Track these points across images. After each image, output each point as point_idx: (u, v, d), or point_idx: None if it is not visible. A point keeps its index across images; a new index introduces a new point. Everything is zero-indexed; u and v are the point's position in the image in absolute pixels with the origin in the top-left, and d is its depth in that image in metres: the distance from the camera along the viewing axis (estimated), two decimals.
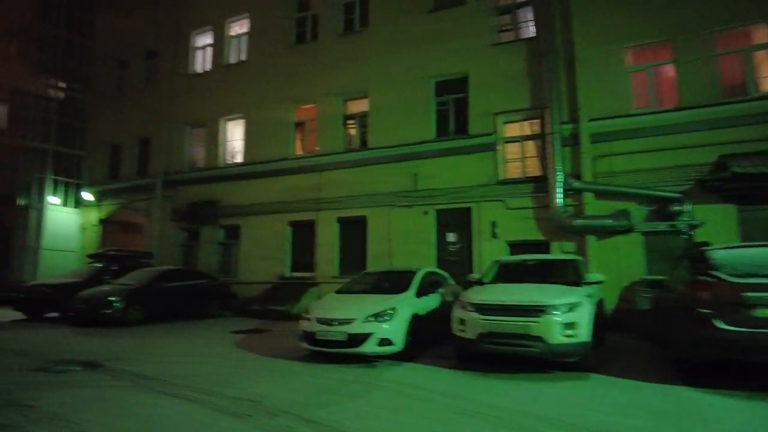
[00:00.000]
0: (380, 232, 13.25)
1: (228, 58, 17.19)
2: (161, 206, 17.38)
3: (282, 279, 14.61)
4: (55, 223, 19.45)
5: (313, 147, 15.04)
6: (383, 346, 6.64)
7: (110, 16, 20.91)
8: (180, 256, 16.94)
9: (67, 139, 20.05)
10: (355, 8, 14.90)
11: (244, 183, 15.73)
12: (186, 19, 18.33)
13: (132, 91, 19.57)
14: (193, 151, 17.62)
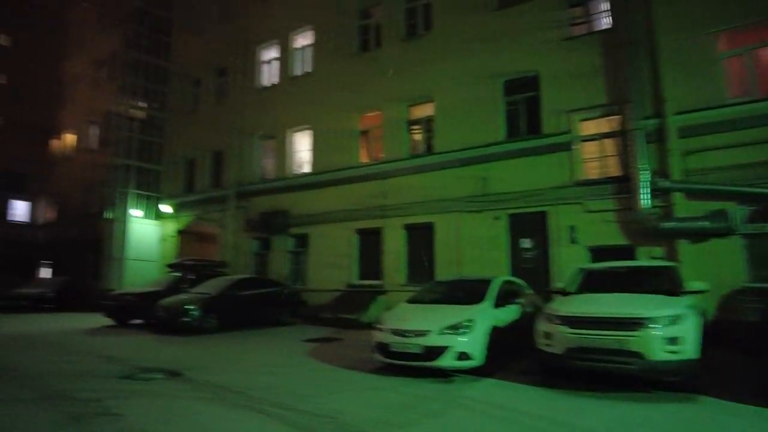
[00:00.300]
0: (448, 238, 12.88)
1: (293, 71, 17.55)
2: (234, 217, 17.98)
3: (350, 287, 14.59)
4: (138, 235, 20.66)
5: (378, 154, 14.96)
6: (461, 361, 6.29)
7: (185, 37, 22.07)
8: (253, 264, 17.41)
9: (148, 155, 21.28)
10: (418, 12, 14.72)
11: (312, 192, 15.92)
12: (253, 34, 18.95)
13: (205, 107, 20.49)
14: (264, 162, 18.11)
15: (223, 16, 20.70)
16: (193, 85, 21.32)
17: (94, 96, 27.77)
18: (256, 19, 18.93)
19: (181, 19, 22.48)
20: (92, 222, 25.38)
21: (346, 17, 16.12)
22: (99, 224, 24.76)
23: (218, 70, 20.33)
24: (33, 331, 11.53)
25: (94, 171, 26.16)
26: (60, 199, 29.25)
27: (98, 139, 26.78)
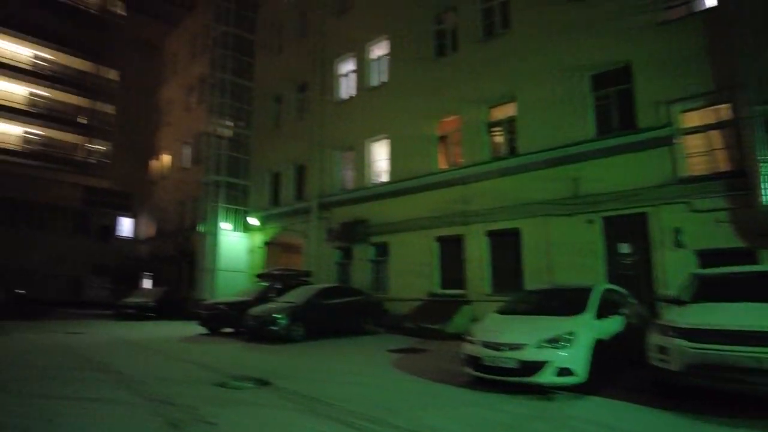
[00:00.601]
0: (536, 244, 12.20)
1: (370, 81, 17.69)
2: (317, 227, 18.36)
3: (432, 296, 14.28)
4: (228, 246, 21.75)
5: (458, 159, 14.60)
6: (562, 377, 5.78)
7: (267, 57, 23.11)
8: (335, 273, 17.64)
9: (236, 171, 22.40)
10: (495, 11, 14.26)
11: (391, 201, 15.85)
12: (330, 49, 19.39)
13: (287, 122, 21.24)
14: (344, 173, 18.37)
15: (302, 34, 21.40)
16: (276, 102, 22.21)
17: (186, 118, 29.88)
18: (333, 34, 19.37)
19: (262, 40, 23.54)
20: (187, 235, 27.17)
21: (420, 24, 16.00)
22: (193, 237, 26.44)
23: (298, 86, 21.01)
24: (137, 338, 12.35)
25: (187, 188, 28.05)
26: (159, 215, 31.66)
27: (191, 158, 28.73)
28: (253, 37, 23.82)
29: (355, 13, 18.74)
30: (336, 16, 19.52)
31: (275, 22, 22.95)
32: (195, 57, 29.99)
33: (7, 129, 35.07)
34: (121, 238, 33.85)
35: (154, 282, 30.08)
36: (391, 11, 17.06)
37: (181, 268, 27.81)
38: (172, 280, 28.18)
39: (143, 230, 33.69)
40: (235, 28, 23.16)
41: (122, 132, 34.38)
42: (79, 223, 32.26)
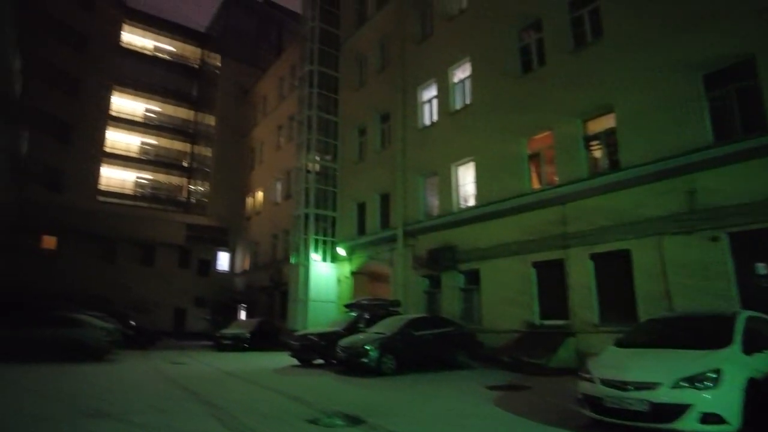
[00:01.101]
0: (650, 267, 10.86)
1: (453, 105, 17.34)
2: (403, 255, 18.01)
3: (531, 327, 13.21)
4: (317, 277, 22.02)
5: (553, 177, 13.64)
6: (709, 424, 4.77)
7: (350, 91, 23.69)
8: (423, 303, 17.08)
9: (324, 203, 22.86)
10: (585, 20, 13.39)
11: (480, 225, 15.13)
12: (411, 77, 19.40)
13: (371, 152, 21.42)
14: (429, 199, 17.99)
15: (383, 66, 21.72)
16: (360, 134, 22.56)
17: (277, 156, 31.34)
18: (414, 62, 19.40)
19: (346, 76, 24.22)
20: (279, 267, 28.03)
21: (503, 41, 15.49)
22: (285, 269, 27.20)
23: (381, 117, 21.20)
24: (233, 369, 12.54)
25: (279, 222, 29.13)
26: (253, 248, 33.14)
27: (282, 193, 29.93)
28: (337, 74, 24.57)
29: (435, 39, 18.66)
30: (416, 44, 19.57)
31: (357, 57, 23.55)
32: (283, 98, 31.63)
33: (124, 176, 39.00)
34: (219, 272, 35.80)
35: (249, 313, 31.27)
36: (473, 33, 16.74)
37: (273, 299, 28.68)
38: (266, 311, 29.11)
39: (239, 263, 35.41)
40: (320, 67, 24.04)
41: (220, 172, 36.81)
42: (182, 259, 34.62)
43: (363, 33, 23.34)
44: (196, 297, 34.29)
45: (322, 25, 24.62)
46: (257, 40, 41.67)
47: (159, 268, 33.49)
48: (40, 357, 13.52)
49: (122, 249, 32.53)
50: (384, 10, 21.93)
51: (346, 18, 24.98)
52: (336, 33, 25.04)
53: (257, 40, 41.65)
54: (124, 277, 31.79)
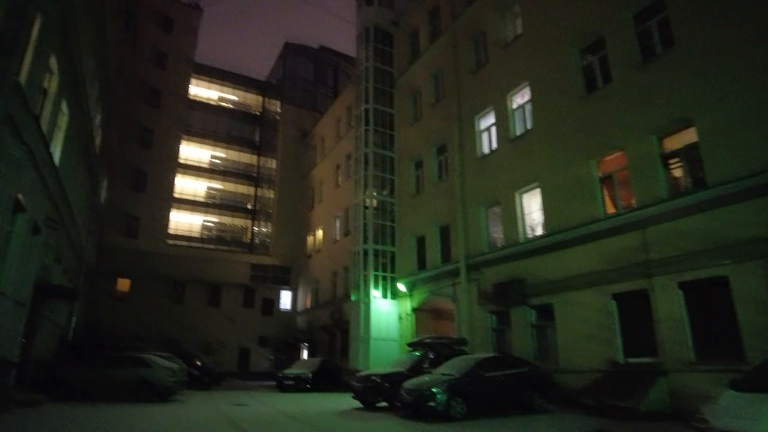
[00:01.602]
0: (754, 295, 9.48)
1: (514, 132, 16.71)
2: (467, 290, 17.17)
3: (615, 366, 11.91)
4: (378, 315, 21.44)
5: (629, 200, 12.57)
6: None
7: (405, 125, 23.66)
8: (491, 341, 16.06)
9: (383, 238, 22.52)
10: (653, 31, 12.55)
11: (551, 256, 14.13)
12: (468, 106, 19.04)
13: (429, 184, 21.02)
14: (492, 230, 17.20)
15: (438, 98, 21.57)
16: (417, 167, 22.29)
17: (335, 194, 31.65)
18: (470, 92, 19.07)
19: (401, 111, 24.27)
20: (339, 305, 27.75)
21: (564, 62, 14.85)
22: (345, 307, 26.88)
23: (438, 148, 20.88)
24: (294, 411, 12.08)
25: (339, 259, 29.06)
26: (314, 286, 33.19)
27: (341, 230, 30.00)
28: (391, 110, 24.69)
29: (491, 66, 18.30)
30: (471, 73, 19.29)
31: (412, 92, 23.59)
32: (340, 138, 32.20)
33: (192, 219, 40.78)
34: (282, 311, 36.05)
35: (311, 352, 31.02)
36: (530, 57, 16.24)
37: (335, 338, 28.30)
38: (327, 350, 28.73)
39: (301, 302, 35.54)
40: (375, 105, 24.25)
41: (282, 212, 37.65)
42: (246, 298, 35.21)
43: (416, 68, 23.42)
44: (260, 336, 34.58)
45: (376, 65, 24.99)
46: (314, 84, 43.18)
47: (224, 308, 34.19)
48: (111, 396, 13.83)
49: (190, 290, 33.58)
50: (437, 44, 21.96)
51: (399, 55, 25.26)
52: (389, 71, 25.32)
53: (314, 85, 43.15)
54: (192, 317, 32.66)
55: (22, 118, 9.41)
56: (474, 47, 19.64)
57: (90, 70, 16.38)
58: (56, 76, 11.99)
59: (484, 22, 18.98)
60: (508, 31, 17.94)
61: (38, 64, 10.12)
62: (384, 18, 25.96)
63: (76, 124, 15.16)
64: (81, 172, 17.94)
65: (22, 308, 12.00)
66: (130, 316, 30.61)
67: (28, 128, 9.75)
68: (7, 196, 9.44)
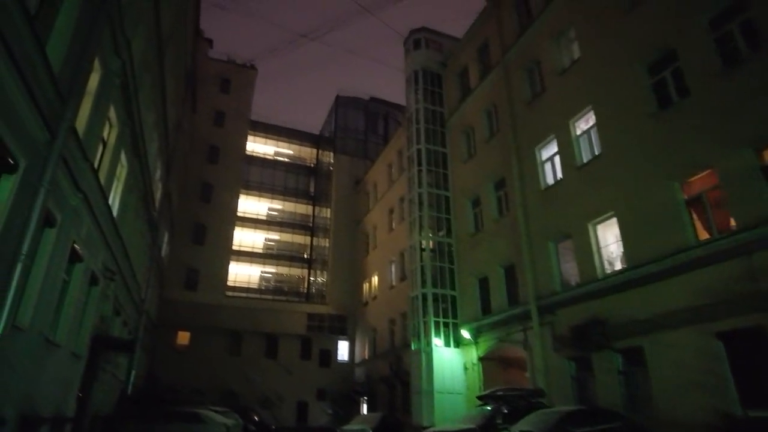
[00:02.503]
0: None
1: (580, 159, 15.54)
2: (540, 335, 15.61)
3: (731, 419, 9.99)
4: (441, 365, 19.95)
5: (726, 223, 10.99)
6: None
7: (459, 163, 22.96)
8: (572, 391, 14.28)
9: (442, 282, 21.35)
10: (734, 34, 11.33)
11: (635, 292, 12.53)
12: (525, 137, 18.13)
13: (488, 222, 19.92)
14: (564, 267, 15.74)
15: (493, 133, 20.83)
16: (474, 205, 21.32)
17: (390, 239, 30.98)
18: (527, 123, 18.21)
19: (454, 149, 23.66)
20: (399, 355, 26.39)
21: (630, 81, 13.76)
22: (405, 357, 25.49)
23: (496, 184, 19.90)
24: None
25: (396, 305, 27.96)
26: (371, 335, 32.04)
27: (397, 275, 29.05)
28: (444, 149, 24.12)
29: (548, 95, 17.43)
30: (527, 104, 18.49)
31: (464, 129, 23.01)
32: (392, 182, 31.87)
33: (249, 271, 41.20)
34: (339, 362, 34.92)
35: (370, 406, 29.49)
36: (591, 80, 15.27)
37: (394, 391, 26.77)
38: (387, 403, 27.16)
39: (359, 352, 34.34)
40: (427, 145, 23.79)
41: (337, 261, 37.30)
42: (303, 349, 34.44)
43: (468, 105, 22.91)
44: (317, 389, 33.46)
45: (426, 106, 24.73)
46: (365, 133, 43.73)
47: (282, 360, 33.52)
48: None
49: (247, 341, 33.28)
50: (488, 79, 21.44)
51: (449, 95, 24.93)
52: (440, 111, 24.97)
53: (366, 134, 43.69)
54: (249, 370, 32.16)
55: (79, 166, 9.42)
56: (528, 77, 18.92)
57: (149, 124, 16.93)
58: (115, 127, 12.25)
59: (538, 51, 18.30)
60: (564, 57, 17.14)
61: (97, 114, 10.27)
62: (432, 60, 25.93)
63: (135, 176, 15.48)
64: (140, 224, 18.27)
65: (79, 361, 11.79)
66: (190, 369, 30.52)
67: (85, 176, 9.76)
68: (64, 246, 9.34)
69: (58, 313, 10.05)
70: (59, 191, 8.63)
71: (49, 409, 9.83)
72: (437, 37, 27.06)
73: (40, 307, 8.60)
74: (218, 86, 39.62)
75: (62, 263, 9.37)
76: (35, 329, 8.54)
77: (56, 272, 9.15)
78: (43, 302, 8.71)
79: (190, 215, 34.97)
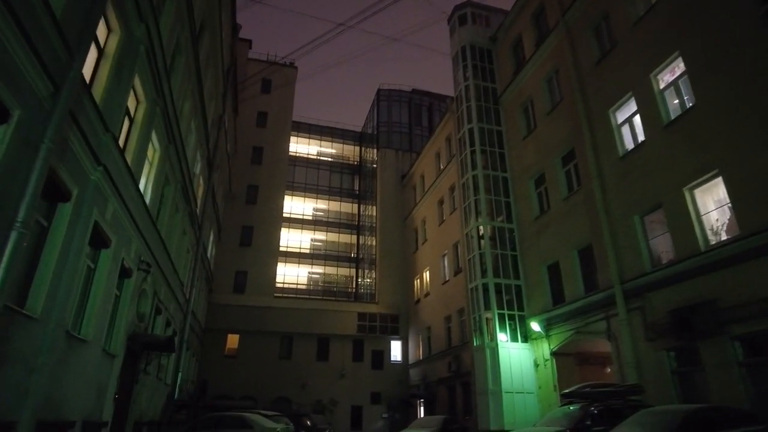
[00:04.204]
0: None
1: (667, 116, 13.28)
2: (628, 323, 13.42)
3: None
4: (508, 362, 17.95)
5: None
6: None
7: (518, 140, 20.94)
8: (673, 388, 12.02)
9: (504, 271, 19.36)
10: None
11: (754, 264, 10.24)
12: (596, 102, 15.98)
13: (556, 201, 17.80)
14: (654, 242, 13.48)
15: (555, 102, 18.75)
16: (537, 183, 19.25)
17: (441, 232, 29.14)
18: (597, 85, 16.07)
19: (510, 125, 21.69)
20: (457, 354, 24.49)
21: (731, 16, 11.48)
22: (464, 355, 23.58)
23: (563, 157, 17.79)
24: None
25: (451, 301, 26.08)
26: (425, 334, 30.22)
27: (451, 269, 27.16)
28: (499, 128, 22.16)
29: (621, 50, 15.21)
30: (595, 65, 16.33)
31: (521, 103, 20.99)
32: (441, 171, 30.06)
33: (297, 272, 40.38)
34: (393, 363, 33.31)
35: (428, 409, 27.66)
36: (677, 24, 13.01)
37: (454, 392, 24.87)
38: (447, 406, 25.28)
39: (412, 353, 32.61)
40: (479, 124, 21.90)
41: (385, 259, 35.81)
42: (355, 351, 33.05)
43: (524, 77, 20.87)
44: (371, 392, 31.95)
45: (477, 82, 22.87)
46: (409, 126, 42.15)
47: (333, 363, 32.25)
48: None
49: (298, 344, 32.21)
50: (545, 46, 19.36)
51: (502, 69, 22.99)
52: (492, 87, 23.03)
53: (409, 127, 42.11)
54: (301, 373, 31.08)
55: (99, 136, 8.30)
56: (594, 35, 16.76)
57: (185, 112, 15.98)
58: (143, 104, 11.18)
59: (605, 4, 16.13)
60: (637, 4, 14.92)
61: (118, 81, 9.15)
62: (480, 35, 24.07)
63: (171, 165, 14.48)
64: (181, 220, 17.36)
65: (113, 360, 10.72)
66: (241, 374, 29.75)
67: (106, 149, 8.63)
68: (84, 226, 8.19)
69: (84, 305, 8.95)
70: (74, 160, 7.48)
71: (77, 412, 8.71)
72: (484, 11, 25.18)
73: (58, 294, 7.46)
74: (259, 86, 39.07)
75: (82, 246, 8.21)
76: (52, 320, 7.39)
77: (76, 255, 8.00)
78: (61, 289, 7.57)
79: (236, 217, 34.40)
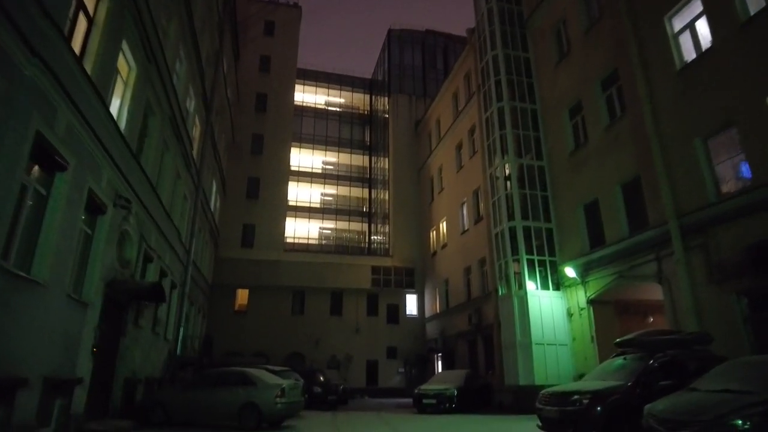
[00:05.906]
0: None
1: (744, 12, 10.84)
2: (685, 263, 11.49)
3: None
4: (537, 311, 16.25)
5: None
6: None
7: (549, 66, 18.54)
8: (745, 337, 10.19)
9: (532, 213, 17.40)
10: None
11: None
12: (645, 10, 13.50)
13: (596, 131, 15.59)
14: (720, 168, 11.35)
15: (595, 18, 16.22)
16: (573, 113, 16.97)
17: (459, 178, 27.14)
18: None
19: (541, 50, 19.21)
20: (478, 306, 22.96)
21: None
22: (484, 308, 22.03)
23: (603, 81, 15.45)
24: None
25: (471, 251, 24.35)
26: (442, 288, 28.71)
27: (471, 217, 25.28)
28: (526, 54, 19.69)
29: None
30: None
31: (552, 25, 18.44)
32: (459, 112, 27.72)
33: (307, 227, 38.88)
34: (409, 317, 32.04)
35: (446, 364, 26.44)
36: None
37: (475, 347, 23.48)
38: (467, 360, 23.96)
39: (429, 307, 31.24)
40: (505, 50, 19.45)
41: (399, 212, 34.05)
42: (370, 305, 31.79)
43: None
44: (387, 347, 30.86)
45: (500, 4, 20.23)
46: (423, 70, 39.44)
47: (347, 317, 31.06)
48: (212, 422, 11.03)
49: (310, 299, 30.98)
50: None
51: None
52: (517, 9, 20.40)
53: (423, 71, 39.41)
54: (314, 329, 29.97)
55: (35, 20, 6.35)
56: None
57: (170, 32, 13.90)
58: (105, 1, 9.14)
59: None
60: None
61: None
62: None
63: (154, 90, 12.51)
64: (174, 160, 15.55)
65: (85, 308, 9.14)
66: (251, 331, 28.69)
67: (47, 39, 6.70)
68: (20, 131, 6.35)
69: (33, 239, 7.24)
70: None
71: (34, 368, 7.15)
72: None
73: None
74: (261, 28, 36.40)
75: (20, 159, 6.39)
76: None
77: (12, 168, 6.21)
78: None
79: (241, 169, 32.52)
